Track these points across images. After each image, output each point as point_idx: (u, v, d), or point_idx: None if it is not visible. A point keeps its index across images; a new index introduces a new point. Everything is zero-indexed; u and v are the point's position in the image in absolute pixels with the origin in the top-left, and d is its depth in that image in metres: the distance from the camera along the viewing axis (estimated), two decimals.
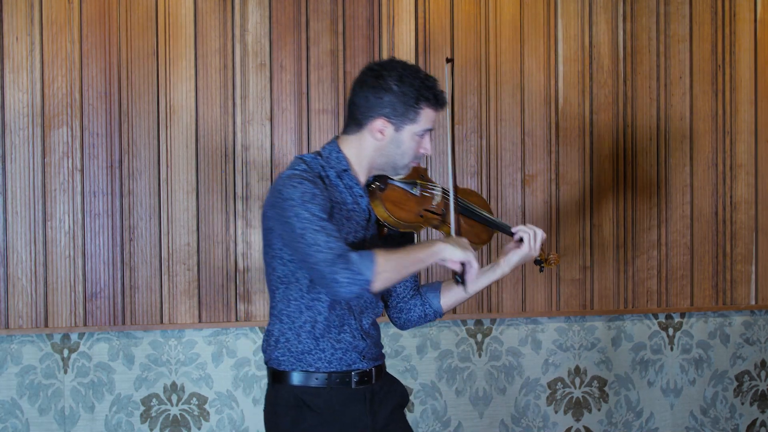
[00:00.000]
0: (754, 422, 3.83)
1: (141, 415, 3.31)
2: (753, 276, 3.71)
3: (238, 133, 3.30)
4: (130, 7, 3.23)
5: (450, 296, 2.47)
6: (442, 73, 3.42)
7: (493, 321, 3.54)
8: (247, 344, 3.35)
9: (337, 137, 2.34)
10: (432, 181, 2.42)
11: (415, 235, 2.50)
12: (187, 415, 3.34)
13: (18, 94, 3.17)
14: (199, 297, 3.28)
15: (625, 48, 3.59)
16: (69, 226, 3.20)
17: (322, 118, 3.35)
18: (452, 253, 2.20)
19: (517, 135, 3.49)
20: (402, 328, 2.51)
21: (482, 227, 2.46)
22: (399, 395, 2.42)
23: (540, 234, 2.41)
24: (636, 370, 3.67)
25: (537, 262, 2.48)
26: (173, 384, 3.32)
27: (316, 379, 2.26)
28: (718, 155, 3.68)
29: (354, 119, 2.30)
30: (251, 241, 3.30)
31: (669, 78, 3.63)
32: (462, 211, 2.41)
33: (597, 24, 3.56)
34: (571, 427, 3.64)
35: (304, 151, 3.32)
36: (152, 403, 3.31)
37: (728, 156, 3.69)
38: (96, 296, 3.22)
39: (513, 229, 2.42)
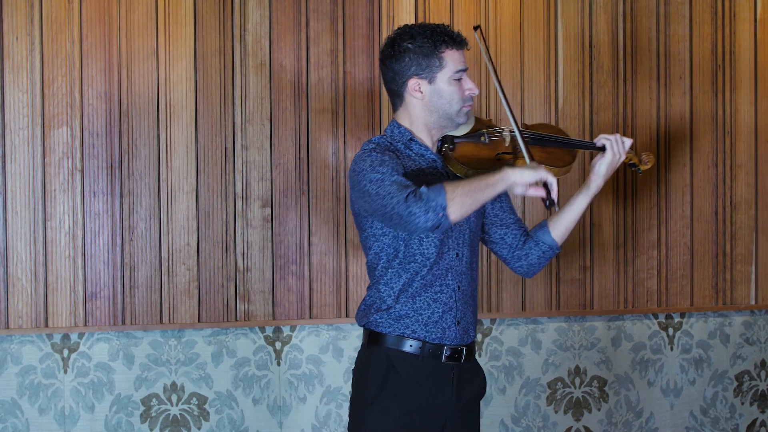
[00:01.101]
0: (754, 422, 3.83)
1: (141, 415, 3.31)
2: (753, 276, 3.71)
3: (238, 133, 3.30)
4: (130, 7, 3.23)
5: (559, 227, 2.52)
6: None
7: (493, 321, 3.54)
8: (247, 344, 3.35)
9: (393, 118, 2.42)
10: (498, 126, 2.47)
11: None
12: (187, 415, 3.34)
13: (18, 94, 3.17)
14: (199, 297, 3.28)
15: (625, 48, 3.59)
16: (69, 226, 3.20)
17: (322, 118, 3.35)
18: (522, 176, 2.21)
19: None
20: (527, 274, 2.56)
21: (562, 150, 2.50)
22: (481, 383, 2.48)
23: (622, 138, 2.46)
24: (636, 370, 3.68)
25: (631, 165, 2.54)
26: (173, 384, 3.32)
27: (411, 345, 2.33)
28: (718, 155, 3.68)
29: (394, 94, 2.39)
30: (251, 241, 3.30)
31: (669, 78, 3.62)
32: (533, 141, 2.45)
33: (597, 24, 3.56)
34: (571, 427, 3.65)
35: (304, 151, 3.33)
36: (152, 403, 3.31)
37: (728, 156, 3.69)
38: (96, 296, 3.22)
39: (596, 141, 2.47)
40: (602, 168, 2.46)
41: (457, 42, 2.34)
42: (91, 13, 3.21)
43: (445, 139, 2.40)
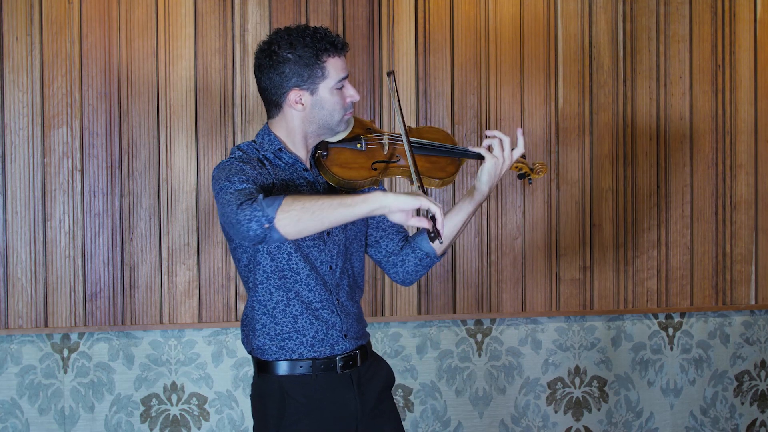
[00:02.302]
0: (754, 422, 3.83)
1: (141, 415, 3.31)
2: (753, 276, 3.71)
3: (238, 134, 3.30)
4: (130, 7, 3.23)
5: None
6: (444, 75, 3.43)
7: (493, 321, 3.54)
8: None
9: (267, 123, 2.28)
10: (379, 131, 2.30)
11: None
12: (187, 415, 3.34)
13: (18, 94, 3.17)
14: (199, 297, 3.28)
15: (625, 48, 3.59)
16: (69, 226, 3.20)
17: None
18: (398, 202, 1.96)
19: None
20: (404, 282, 2.42)
21: (446, 159, 2.32)
22: (385, 375, 2.37)
23: (506, 139, 2.27)
24: (636, 370, 3.68)
25: (521, 176, 2.34)
26: (173, 384, 3.32)
27: (301, 367, 2.22)
28: (718, 155, 3.68)
29: (271, 103, 2.23)
30: None
31: (669, 78, 3.62)
32: (418, 151, 2.26)
33: (597, 24, 3.56)
34: (571, 427, 3.65)
35: None
36: (152, 403, 3.31)
37: (728, 156, 3.69)
38: (96, 296, 3.22)
39: (476, 149, 2.28)
40: (483, 175, 2.27)
41: (339, 48, 2.20)
42: (91, 13, 3.21)
43: (320, 145, 2.25)
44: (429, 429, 3.52)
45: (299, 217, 1.95)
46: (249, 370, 3.36)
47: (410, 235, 2.44)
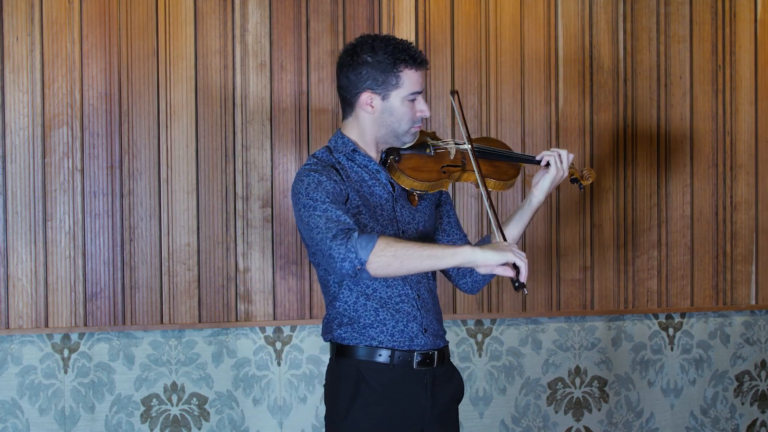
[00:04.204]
0: (754, 422, 3.83)
1: (141, 415, 3.31)
2: (753, 276, 3.71)
3: (238, 133, 3.30)
4: (130, 7, 3.23)
5: None
6: (444, 75, 3.43)
7: (493, 321, 3.54)
8: (247, 344, 3.35)
9: (340, 127, 2.39)
10: (443, 139, 2.46)
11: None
12: (187, 415, 3.34)
13: (18, 94, 3.17)
14: (199, 297, 3.28)
15: (625, 48, 3.59)
16: (69, 227, 3.20)
17: (322, 118, 3.35)
18: (486, 258, 2.11)
19: (517, 135, 3.49)
20: (471, 291, 2.54)
21: (506, 164, 2.51)
22: (458, 386, 2.44)
23: (565, 153, 2.45)
24: (636, 370, 3.67)
25: (573, 181, 2.55)
26: (173, 384, 3.32)
27: (380, 355, 2.29)
28: (718, 155, 3.68)
29: (345, 102, 2.35)
30: (251, 241, 3.30)
31: (669, 78, 3.63)
32: (481, 155, 2.44)
33: (597, 24, 3.57)
34: (571, 427, 3.64)
35: (304, 151, 3.33)
36: (152, 403, 3.31)
37: (728, 156, 3.69)
38: (96, 296, 3.22)
39: (537, 156, 2.47)
40: (545, 183, 2.45)
41: (418, 62, 2.29)
42: (91, 13, 3.21)
43: (390, 151, 2.38)
44: None
45: (389, 263, 2.10)
46: (249, 370, 3.36)
47: (468, 240, 2.55)
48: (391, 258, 2.10)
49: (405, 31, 3.39)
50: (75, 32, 3.20)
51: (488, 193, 2.30)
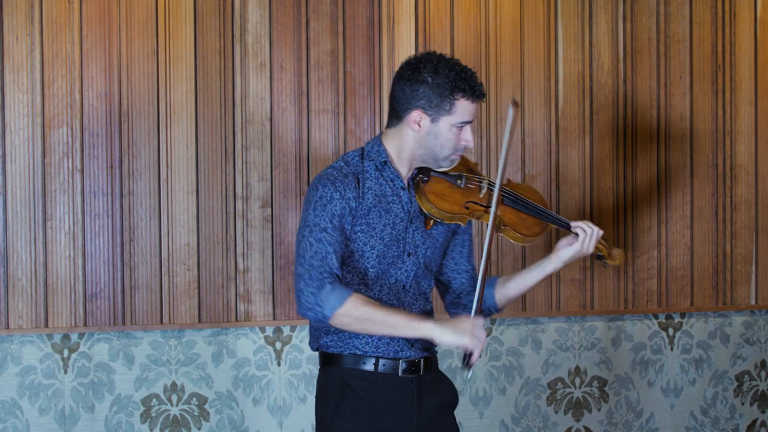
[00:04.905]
0: (754, 422, 3.83)
1: (141, 415, 3.31)
2: (753, 276, 3.71)
3: (238, 133, 3.30)
4: (130, 7, 3.23)
5: (505, 293, 2.48)
6: None
7: (493, 321, 3.54)
8: (247, 344, 3.35)
9: (382, 133, 2.38)
10: (480, 174, 2.41)
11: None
12: (187, 415, 3.34)
13: (18, 94, 3.17)
14: (199, 297, 3.28)
15: (625, 48, 3.59)
16: (69, 227, 3.20)
17: (322, 118, 3.35)
18: (443, 337, 2.18)
19: (518, 135, 3.49)
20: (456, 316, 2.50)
21: (534, 219, 2.44)
22: (447, 393, 2.43)
23: (596, 232, 2.42)
24: (636, 370, 3.67)
25: (598, 258, 2.48)
26: (173, 384, 3.32)
27: (364, 363, 2.30)
28: (718, 155, 3.68)
29: (394, 112, 2.33)
30: (251, 241, 3.30)
31: (669, 78, 3.62)
32: (510, 203, 2.40)
33: (597, 24, 3.56)
34: (571, 427, 3.65)
35: (304, 151, 3.33)
36: (152, 404, 3.31)
37: (728, 156, 3.69)
38: (96, 296, 3.22)
39: (572, 224, 2.42)
40: (566, 255, 2.42)
41: (475, 95, 2.27)
42: (91, 13, 3.21)
43: (422, 170, 2.36)
44: None
45: (350, 324, 2.18)
46: (249, 370, 3.36)
47: (475, 274, 2.52)
48: (353, 320, 2.17)
49: (405, 32, 3.39)
50: (75, 32, 3.20)
51: (489, 246, 2.27)
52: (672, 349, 3.71)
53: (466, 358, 2.20)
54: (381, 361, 2.29)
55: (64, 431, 3.26)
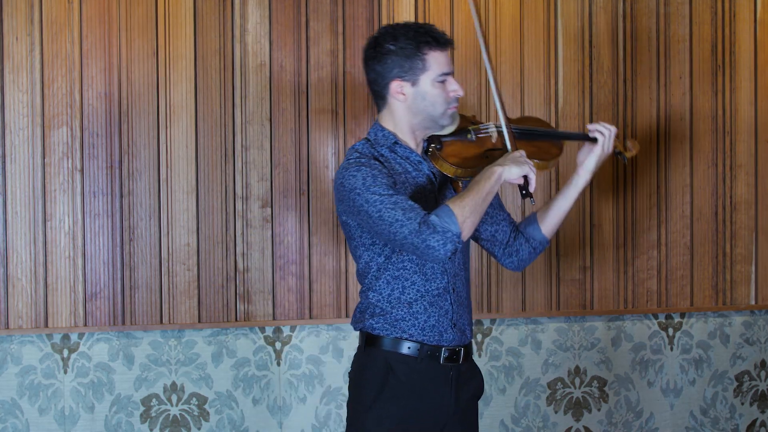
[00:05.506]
0: (754, 422, 3.83)
1: (141, 415, 3.31)
2: (753, 276, 3.72)
3: (238, 133, 3.30)
4: (130, 7, 3.23)
5: (548, 222, 2.51)
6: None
7: (493, 321, 3.54)
8: (247, 344, 3.35)
9: (377, 120, 2.39)
10: (483, 123, 2.44)
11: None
12: (187, 415, 3.34)
13: (18, 94, 3.17)
14: (198, 297, 3.28)
15: (625, 48, 3.59)
16: (69, 227, 3.20)
17: (322, 118, 3.35)
18: (510, 173, 2.22)
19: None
20: (518, 269, 2.56)
21: (549, 143, 2.48)
22: (479, 383, 2.46)
23: (613, 130, 2.45)
24: (636, 370, 3.68)
25: (617, 154, 2.53)
26: (173, 384, 3.32)
27: (408, 348, 2.30)
28: (718, 155, 3.68)
29: (377, 95, 2.35)
30: (251, 241, 3.30)
31: (669, 78, 3.62)
32: (520, 136, 2.42)
33: (597, 24, 3.56)
34: (571, 427, 3.65)
35: (304, 151, 3.33)
36: (152, 403, 3.31)
37: (728, 156, 3.69)
38: (96, 296, 3.22)
39: (590, 129, 2.45)
40: (591, 163, 2.46)
41: (441, 43, 2.28)
42: (91, 13, 3.21)
43: (432, 139, 2.37)
44: None
45: (473, 221, 2.18)
46: (249, 370, 3.36)
47: (516, 223, 2.57)
48: (473, 215, 2.17)
49: None
50: (75, 32, 3.20)
51: (503, 108, 2.33)
52: (672, 349, 3.71)
53: (526, 187, 2.24)
54: (424, 347, 2.30)
55: (63, 431, 3.26)
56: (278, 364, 3.39)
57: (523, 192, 2.24)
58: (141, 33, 3.24)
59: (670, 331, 3.70)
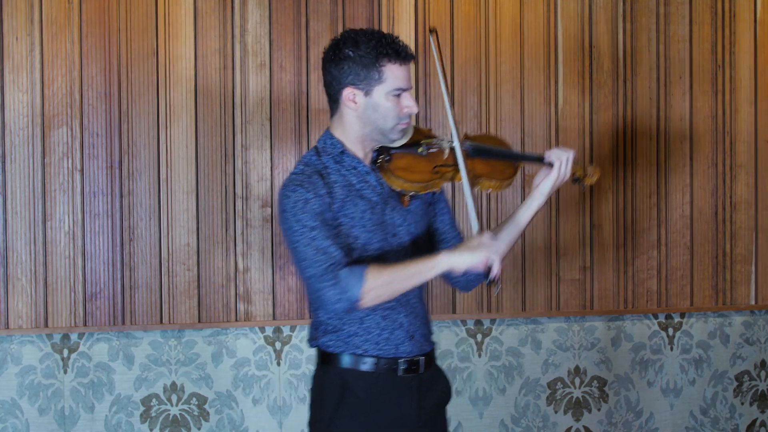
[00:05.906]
0: (753, 422, 3.83)
1: (141, 415, 3.31)
2: (753, 276, 3.71)
3: (237, 133, 3.30)
4: (130, 7, 3.23)
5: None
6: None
7: (493, 321, 3.54)
8: (247, 344, 3.35)
9: (328, 126, 2.33)
10: (437, 137, 2.37)
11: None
12: (186, 415, 3.34)
13: (18, 94, 3.17)
14: (198, 297, 3.28)
15: (625, 48, 3.59)
16: (69, 227, 3.20)
17: (322, 118, 3.34)
18: (460, 261, 2.15)
19: (517, 135, 3.49)
20: (465, 289, 2.49)
21: (504, 163, 2.40)
22: (444, 389, 2.41)
23: (570, 155, 2.35)
24: (636, 370, 3.68)
25: (575, 180, 2.43)
26: (173, 384, 3.32)
27: (364, 363, 2.26)
28: (718, 155, 3.68)
29: (331, 99, 2.29)
30: (251, 241, 3.30)
31: (669, 78, 3.62)
32: (475, 153, 2.35)
33: (597, 24, 3.56)
34: (571, 427, 3.65)
35: (304, 151, 3.32)
36: (152, 403, 3.31)
37: (728, 156, 3.69)
38: (96, 296, 3.22)
39: (545, 155, 2.36)
40: (546, 187, 2.35)
41: (402, 57, 2.20)
42: (91, 13, 3.21)
43: (382, 151, 2.30)
44: None
45: (378, 294, 2.14)
46: (249, 370, 3.36)
47: (463, 238, 2.48)
48: (381, 289, 2.13)
49: (405, 32, 3.39)
50: (75, 32, 3.20)
51: (471, 185, 2.26)
52: (672, 349, 3.71)
53: (489, 273, 2.13)
54: (381, 361, 2.26)
55: (63, 431, 3.26)
56: (278, 364, 3.39)
57: (486, 281, 2.15)
58: (141, 33, 3.24)
59: (670, 331, 3.70)
